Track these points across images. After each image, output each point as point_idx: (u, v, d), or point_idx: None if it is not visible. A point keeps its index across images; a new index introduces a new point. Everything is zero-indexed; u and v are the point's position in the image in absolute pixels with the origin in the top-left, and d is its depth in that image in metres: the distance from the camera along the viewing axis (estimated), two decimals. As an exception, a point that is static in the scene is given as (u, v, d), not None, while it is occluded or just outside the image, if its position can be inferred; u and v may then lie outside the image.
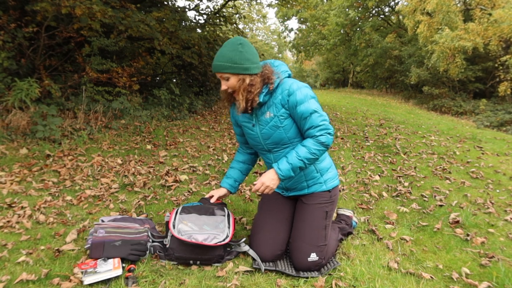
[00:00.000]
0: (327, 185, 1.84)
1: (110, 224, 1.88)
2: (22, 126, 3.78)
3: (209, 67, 7.41)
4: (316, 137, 1.66)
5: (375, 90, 20.86)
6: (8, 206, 2.33)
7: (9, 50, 4.12)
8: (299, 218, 1.81)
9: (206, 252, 1.70)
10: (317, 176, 1.82)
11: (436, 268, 1.78)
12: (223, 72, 1.64)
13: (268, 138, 1.75)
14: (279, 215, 1.85)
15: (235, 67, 1.62)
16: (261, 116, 1.74)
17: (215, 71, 1.66)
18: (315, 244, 1.70)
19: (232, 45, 1.63)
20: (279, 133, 1.72)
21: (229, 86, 1.67)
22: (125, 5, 4.97)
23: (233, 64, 1.62)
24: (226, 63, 1.62)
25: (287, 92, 1.67)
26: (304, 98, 1.65)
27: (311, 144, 1.66)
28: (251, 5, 11.59)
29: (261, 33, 36.56)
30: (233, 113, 1.91)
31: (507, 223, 2.34)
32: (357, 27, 19.99)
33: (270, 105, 1.71)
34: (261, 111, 1.74)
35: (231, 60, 1.62)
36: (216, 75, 1.69)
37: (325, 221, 1.78)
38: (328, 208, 1.81)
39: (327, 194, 1.83)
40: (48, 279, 1.56)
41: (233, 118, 1.93)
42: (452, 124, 7.85)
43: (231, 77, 1.65)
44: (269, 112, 1.71)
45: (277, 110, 1.70)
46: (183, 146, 4.20)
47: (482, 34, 11.81)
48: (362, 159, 3.88)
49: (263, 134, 1.76)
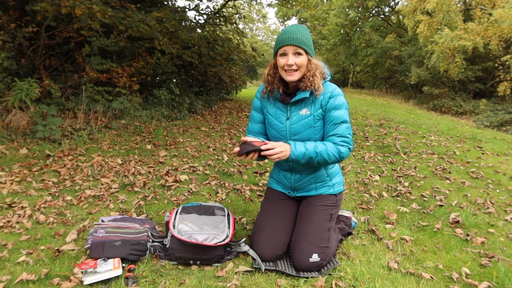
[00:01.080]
0: (334, 189, 1.84)
1: (110, 224, 1.88)
2: (22, 126, 3.79)
3: (209, 67, 7.42)
4: (336, 145, 1.66)
5: (375, 90, 20.86)
6: (8, 206, 2.33)
7: (9, 50, 4.12)
8: (304, 218, 1.80)
9: (206, 252, 1.70)
10: (326, 180, 1.83)
11: (436, 268, 1.78)
12: (300, 47, 1.60)
13: (296, 135, 1.71)
14: (282, 217, 1.84)
15: (309, 45, 1.63)
16: (297, 110, 1.71)
17: (291, 43, 1.59)
18: (317, 245, 1.69)
19: (304, 28, 1.65)
20: (309, 132, 1.69)
21: (298, 63, 1.62)
22: (125, 5, 4.97)
23: (308, 41, 1.63)
24: (304, 39, 1.61)
25: (330, 94, 1.67)
26: (341, 105, 1.67)
27: (330, 147, 1.65)
28: (251, 5, 11.61)
29: (261, 33, 36.59)
30: (262, 99, 1.85)
31: (507, 223, 2.34)
32: (357, 27, 20.00)
33: (309, 103, 1.69)
34: (298, 105, 1.71)
35: (308, 39, 1.62)
36: (283, 49, 1.62)
37: (329, 224, 1.78)
38: (333, 211, 1.81)
39: (333, 198, 1.83)
40: (48, 279, 1.56)
41: (260, 104, 1.86)
42: (452, 124, 7.85)
43: (303, 55, 1.63)
44: (306, 109, 1.69)
45: (315, 109, 1.68)
46: (183, 146, 4.20)
47: (482, 34, 11.80)
48: (362, 159, 3.88)
49: (293, 129, 1.72)
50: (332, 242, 1.80)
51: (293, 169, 1.81)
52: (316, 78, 1.65)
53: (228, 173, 3.23)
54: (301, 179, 1.81)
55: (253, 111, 1.92)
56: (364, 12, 19.26)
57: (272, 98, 1.80)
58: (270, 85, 1.76)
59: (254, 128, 1.90)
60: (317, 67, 1.67)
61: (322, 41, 21.78)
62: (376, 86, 21.11)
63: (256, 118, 1.90)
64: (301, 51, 1.61)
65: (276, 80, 1.74)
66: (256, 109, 1.89)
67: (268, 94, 1.80)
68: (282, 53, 1.65)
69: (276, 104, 1.78)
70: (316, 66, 1.67)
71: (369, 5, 18.31)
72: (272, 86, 1.75)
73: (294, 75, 1.64)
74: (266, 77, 1.76)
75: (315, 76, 1.65)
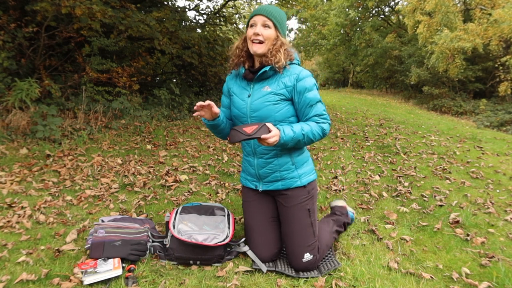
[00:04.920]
0: (301, 180, 1.76)
1: (110, 224, 1.88)
2: (22, 126, 3.79)
3: (209, 67, 7.42)
4: (319, 124, 1.68)
5: (375, 90, 20.85)
6: (8, 206, 2.33)
7: (9, 50, 4.12)
8: (285, 222, 1.78)
9: (206, 252, 1.70)
10: (291, 168, 1.76)
11: (436, 268, 1.78)
12: (269, 18, 1.64)
13: (256, 111, 1.70)
14: (263, 216, 1.82)
15: (280, 22, 1.67)
16: (259, 88, 1.72)
17: (261, 13, 1.64)
18: (305, 244, 1.69)
19: (279, 9, 1.70)
20: (268, 110, 1.67)
21: (265, 35, 1.64)
22: (125, 5, 4.97)
23: (280, 18, 1.66)
24: (275, 14, 1.65)
25: (296, 77, 1.67)
26: (312, 86, 1.69)
27: (314, 127, 1.66)
28: (251, 5, 11.59)
29: (261, 33, 36.53)
30: (229, 80, 1.87)
31: (507, 223, 2.34)
32: (357, 27, 20.00)
33: (272, 82, 1.70)
34: (260, 83, 1.72)
35: (280, 15, 1.67)
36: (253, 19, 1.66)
37: (310, 219, 1.75)
38: (309, 205, 1.77)
39: (304, 191, 1.77)
40: (48, 279, 1.56)
41: (227, 86, 1.88)
42: (452, 124, 7.85)
43: (271, 28, 1.65)
44: (268, 86, 1.69)
45: (278, 88, 1.68)
46: (183, 146, 4.20)
47: (482, 34, 11.79)
48: (362, 159, 3.88)
49: (253, 106, 1.71)
50: (322, 233, 1.80)
51: (255, 152, 1.77)
52: (278, 53, 1.65)
53: (228, 173, 3.23)
54: (264, 164, 1.76)
55: (222, 96, 1.94)
56: (364, 12, 19.25)
57: (238, 78, 1.81)
58: (237, 58, 1.76)
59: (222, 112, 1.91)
60: (282, 44, 1.68)
61: (322, 41, 21.75)
62: (376, 86, 21.11)
63: (224, 103, 1.92)
64: (270, 23, 1.64)
65: (243, 53, 1.74)
66: (225, 93, 1.91)
67: (234, 68, 1.80)
68: (251, 24, 1.67)
69: (241, 83, 1.79)
70: (282, 44, 1.68)
71: (369, 5, 18.30)
72: (238, 59, 1.76)
73: (259, 47, 1.65)
74: (235, 50, 1.76)
75: (278, 52, 1.66)
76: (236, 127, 1.58)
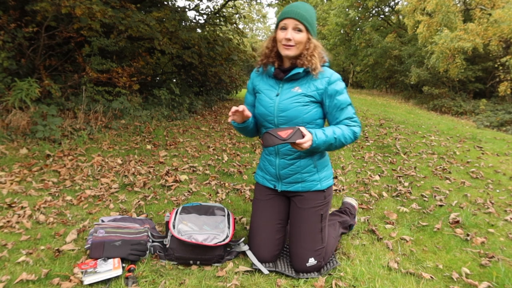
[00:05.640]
0: (322, 184, 1.75)
1: (110, 224, 1.88)
2: (22, 126, 3.78)
3: (209, 67, 7.42)
4: (350, 127, 1.66)
5: (375, 90, 20.86)
6: (8, 206, 2.33)
7: (9, 50, 4.12)
8: (294, 223, 1.75)
9: (206, 252, 1.70)
10: (313, 171, 1.75)
11: (436, 268, 1.78)
12: (300, 22, 1.58)
13: (284, 111, 1.67)
14: (273, 217, 1.80)
15: (312, 24, 1.62)
16: (289, 88, 1.69)
17: (292, 16, 1.57)
18: (312, 249, 1.68)
19: (310, 6, 1.64)
20: (297, 111, 1.65)
21: (297, 39, 1.59)
22: (125, 5, 4.97)
23: (311, 20, 1.61)
24: (307, 16, 1.59)
25: (328, 80, 1.65)
26: (343, 90, 1.68)
27: (346, 130, 1.64)
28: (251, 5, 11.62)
29: (261, 33, 36.56)
30: (255, 77, 1.83)
31: (507, 223, 2.34)
32: (357, 27, 20.01)
33: (303, 83, 1.67)
34: (290, 83, 1.69)
35: (311, 15, 1.61)
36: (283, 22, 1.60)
37: (321, 224, 1.73)
38: (323, 210, 1.75)
39: (321, 195, 1.75)
40: (48, 279, 1.56)
41: (252, 83, 1.84)
42: (452, 124, 7.85)
43: (303, 32, 1.61)
44: (299, 87, 1.67)
45: (309, 90, 1.66)
46: (183, 146, 4.20)
47: (482, 34, 11.79)
48: (362, 159, 3.88)
49: (281, 105, 1.68)
50: (330, 239, 1.79)
51: (278, 153, 1.75)
52: (314, 58, 1.63)
53: (228, 173, 3.23)
54: (286, 165, 1.74)
55: (246, 93, 1.92)
56: (364, 12, 19.26)
57: (265, 75, 1.78)
58: (266, 58, 1.74)
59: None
60: (316, 47, 1.65)
61: (322, 41, 21.75)
62: (376, 86, 21.11)
63: (248, 100, 1.89)
64: (302, 27, 1.59)
65: (272, 54, 1.71)
66: (249, 91, 1.88)
67: (262, 67, 1.77)
68: (282, 27, 1.63)
69: (269, 81, 1.76)
70: (315, 46, 1.65)
71: (369, 5, 18.32)
72: (267, 60, 1.73)
73: (291, 50, 1.62)
74: (264, 50, 1.74)
75: (313, 56, 1.63)
76: (271, 131, 1.54)
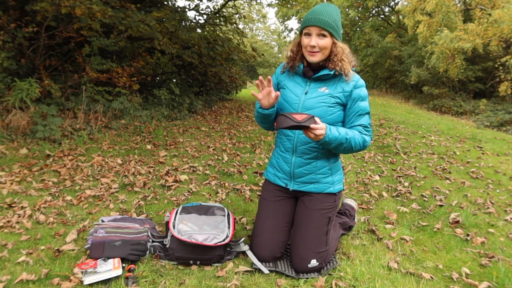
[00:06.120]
0: (334, 187, 1.76)
1: (110, 224, 1.88)
2: (22, 126, 3.78)
3: (209, 67, 7.42)
4: (362, 134, 1.67)
5: (375, 90, 20.86)
6: (8, 206, 2.33)
7: (9, 50, 4.12)
8: (301, 223, 1.74)
9: (206, 252, 1.70)
10: (328, 173, 1.75)
11: (436, 268, 1.78)
12: (324, 28, 1.58)
13: (308, 110, 1.67)
14: (280, 219, 1.80)
15: (336, 28, 1.61)
16: (316, 87, 1.69)
17: (315, 24, 1.57)
18: (315, 250, 1.67)
19: (333, 8, 1.62)
20: (322, 111, 1.65)
21: (321, 45, 1.60)
22: (125, 5, 4.97)
23: (336, 24, 1.60)
24: (330, 21, 1.58)
25: (355, 84, 1.67)
26: (366, 96, 1.69)
27: (357, 136, 1.65)
28: (251, 5, 11.60)
29: (261, 33, 36.56)
30: (280, 73, 1.83)
31: (507, 223, 2.34)
32: (357, 27, 20.01)
33: (331, 84, 1.68)
34: (318, 83, 1.70)
35: (335, 20, 1.60)
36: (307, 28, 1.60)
37: (327, 227, 1.73)
38: (331, 213, 1.76)
39: (332, 198, 1.76)
40: (48, 279, 1.56)
41: (276, 79, 1.84)
42: (452, 124, 7.85)
43: (327, 37, 1.60)
44: (326, 88, 1.68)
45: (336, 91, 1.67)
46: (183, 146, 4.20)
47: (482, 34, 11.78)
48: (362, 159, 3.88)
49: (306, 103, 1.68)
50: (332, 242, 1.79)
51: (295, 150, 1.74)
52: (345, 63, 1.63)
53: (228, 173, 3.23)
54: (302, 164, 1.74)
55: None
56: (364, 12, 19.27)
57: (292, 73, 1.78)
58: (291, 61, 1.74)
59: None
60: (343, 50, 1.65)
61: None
62: (376, 86, 21.11)
63: None
64: (326, 33, 1.59)
65: (298, 57, 1.72)
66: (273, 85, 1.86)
67: (289, 69, 1.78)
68: (306, 33, 1.63)
69: (295, 79, 1.76)
70: (342, 50, 1.64)
71: (369, 5, 18.31)
72: (293, 63, 1.74)
73: (316, 56, 1.63)
74: (289, 53, 1.75)
75: (343, 60, 1.63)
76: (285, 113, 1.53)
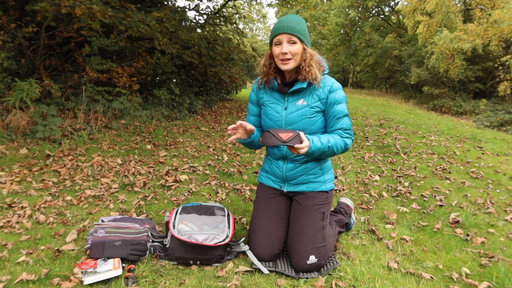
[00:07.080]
0: (326, 185, 1.81)
1: (110, 224, 1.88)
2: (22, 126, 3.78)
3: (209, 67, 7.42)
4: (343, 138, 1.70)
5: (375, 90, 20.87)
6: (8, 206, 2.33)
7: (9, 50, 4.12)
8: (296, 220, 1.77)
9: (206, 252, 1.70)
10: (319, 173, 1.80)
11: (436, 268, 1.78)
12: (294, 35, 1.61)
13: (291, 125, 1.71)
14: (275, 215, 1.82)
15: (304, 34, 1.64)
16: (294, 101, 1.72)
17: (285, 31, 1.60)
18: (313, 246, 1.68)
19: (299, 17, 1.67)
20: (304, 123, 1.69)
21: (293, 51, 1.62)
22: (125, 5, 4.97)
23: (303, 30, 1.63)
24: (299, 28, 1.61)
25: (329, 89, 1.68)
26: (342, 99, 1.70)
27: (339, 140, 1.67)
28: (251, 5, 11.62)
29: (261, 33, 36.56)
30: (257, 90, 1.86)
31: (507, 223, 2.34)
32: (357, 27, 20.01)
33: (307, 95, 1.70)
34: (295, 96, 1.72)
35: (302, 26, 1.63)
36: (277, 38, 1.63)
37: (323, 222, 1.75)
38: (325, 208, 1.79)
39: (324, 195, 1.80)
40: (48, 279, 1.56)
41: (256, 95, 1.87)
42: (452, 124, 7.85)
43: (297, 43, 1.63)
44: (303, 100, 1.70)
45: (313, 100, 1.69)
46: (183, 146, 4.20)
47: (481, 34, 11.78)
48: (362, 159, 3.88)
49: (288, 119, 1.72)
50: (329, 238, 1.79)
51: (286, 157, 1.79)
52: (312, 68, 1.65)
53: (228, 173, 3.24)
54: (294, 168, 1.78)
55: (249, 104, 1.94)
56: (364, 12, 19.26)
57: (268, 88, 1.81)
58: (265, 76, 1.76)
59: (250, 120, 1.93)
60: (312, 56, 1.67)
61: (322, 41, 21.78)
62: (376, 86, 21.12)
63: (252, 111, 1.92)
64: (295, 39, 1.62)
65: (271, 71, 1.74)
66: (252, 102, 1.91)
67: (264, 84, 1.80)
68: (276, 42, 1.66)
69: (273, 94, 1.79)
70: (311, 55, 1.67)
71: (369, 5, 18.31)
72: (267, 77, 1.76)
73: (289, 64, 1.65)
74: (262, 68, 1.77)
75: (311, 66, 1.65)
76: (271, 130, 1.59)
